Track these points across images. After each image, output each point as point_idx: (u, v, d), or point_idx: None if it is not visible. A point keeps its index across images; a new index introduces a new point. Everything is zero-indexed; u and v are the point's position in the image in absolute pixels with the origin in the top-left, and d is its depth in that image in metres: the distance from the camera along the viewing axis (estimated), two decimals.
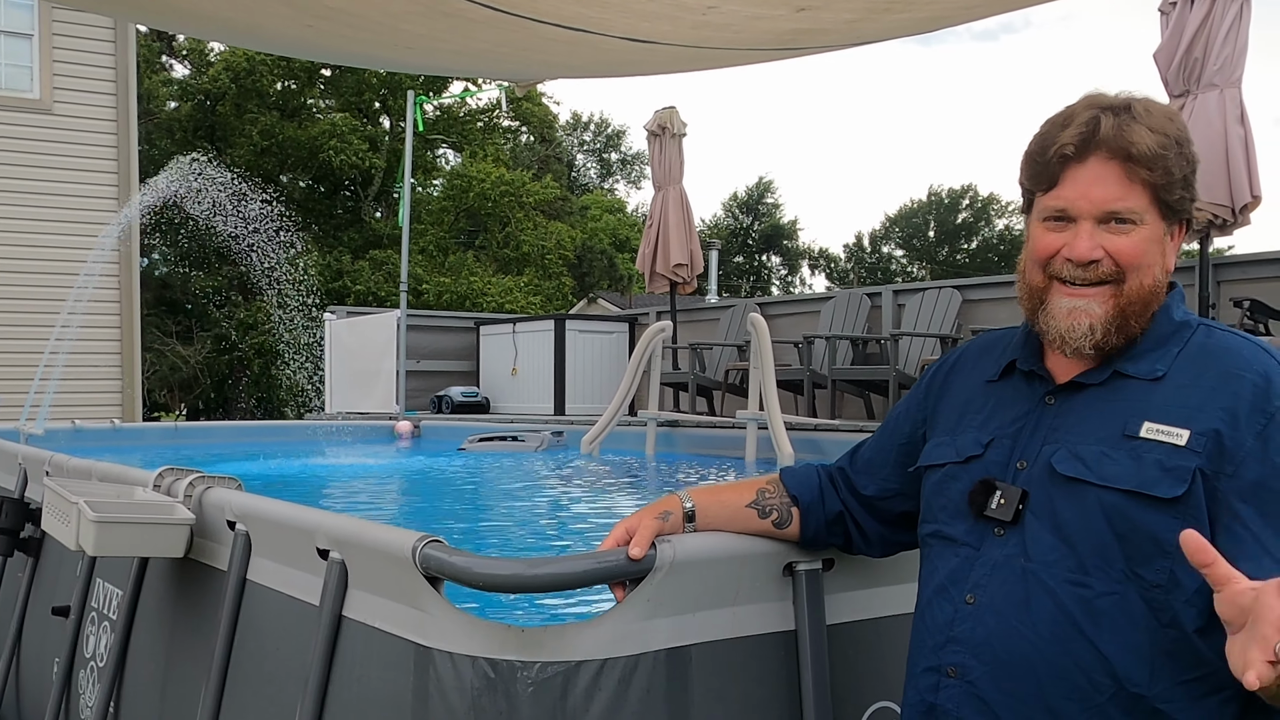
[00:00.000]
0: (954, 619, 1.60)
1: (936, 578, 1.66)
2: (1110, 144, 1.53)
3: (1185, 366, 1.55)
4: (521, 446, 8.01)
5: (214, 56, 28.86)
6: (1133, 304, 1.56)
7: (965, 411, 1.74)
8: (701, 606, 1.82)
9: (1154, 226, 1.56)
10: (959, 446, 1.69)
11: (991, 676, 1.54)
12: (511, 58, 6.25)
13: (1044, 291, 1.60)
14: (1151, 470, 1.48)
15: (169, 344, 25.09)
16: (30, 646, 3.86)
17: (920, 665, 1.65)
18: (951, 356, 1.87)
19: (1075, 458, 1.54)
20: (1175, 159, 1.54)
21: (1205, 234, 6.97)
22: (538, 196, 31.04)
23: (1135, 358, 1.58)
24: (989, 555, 1.59)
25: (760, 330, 6.65)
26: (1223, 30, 6.67)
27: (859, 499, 1.89)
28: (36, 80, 13.05)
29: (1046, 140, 1.59)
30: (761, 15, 4.89)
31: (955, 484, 1.67)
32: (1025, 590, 1.54)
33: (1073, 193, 1.56)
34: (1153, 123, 1.54)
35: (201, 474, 2.80)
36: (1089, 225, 1.55)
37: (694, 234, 10.95)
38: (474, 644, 1.72)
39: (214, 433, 9.88)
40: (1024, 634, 1.52)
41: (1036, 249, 1.61)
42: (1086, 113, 1.56)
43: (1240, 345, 1.56)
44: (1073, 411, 1.60)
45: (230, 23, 6.12)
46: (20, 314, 12.39)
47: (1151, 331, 1.59)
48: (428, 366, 12.48)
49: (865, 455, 1.92)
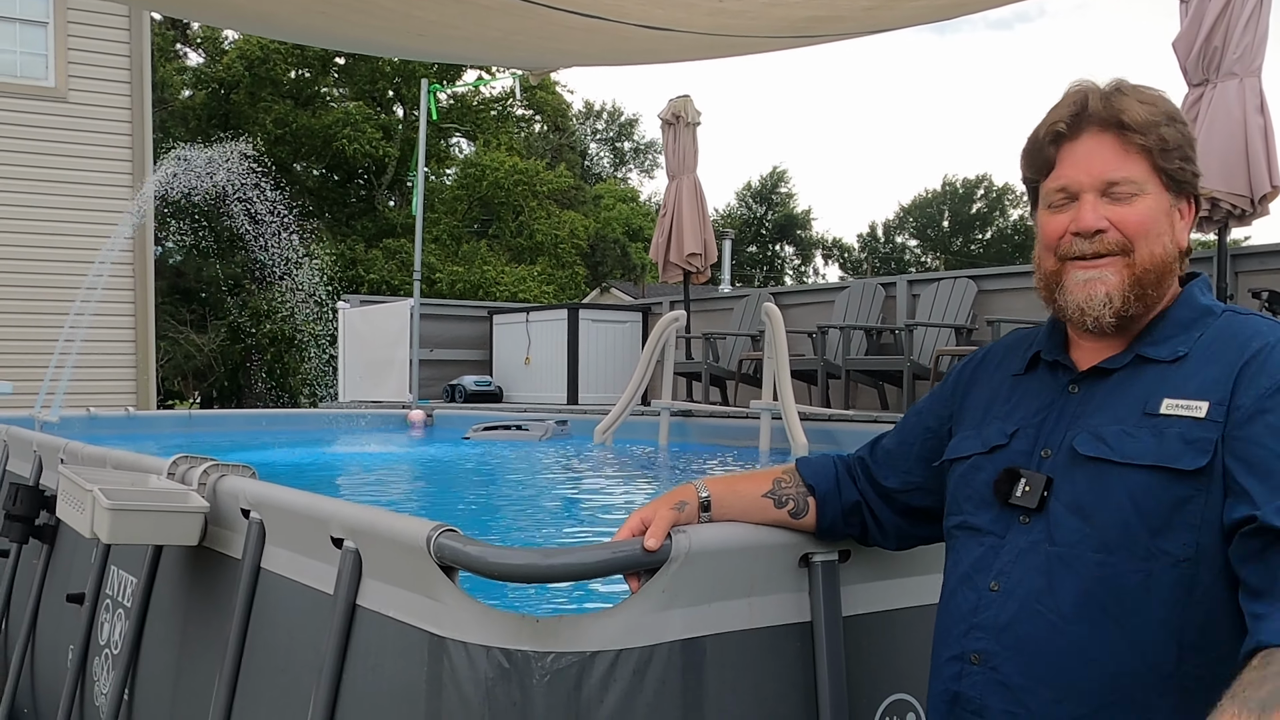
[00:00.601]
0: (978, 606, 1.60)
1: (961, 567, 1.66)
2: (1101, 116, 1.57)
3: (1205, 346, 1.56)
4: (526, 435, 8.04)
5: (228, 45, 28.88)
6: (1148, 272, 1.57)
7: (991, 405, 1.74)
8: (717, 597, 1.81)
9: (1158, 196, 1.58)
10: (985, 438, 1.69)
11: (1015, 660, 1.54)
12: (525, 45, 6.23)
13: (1059, 275, 1.62)
14: (1174, 444, 1.48)
15: (183, 332, 25.16)
16: (45, 633, 3.88)
17: (944, 654, 1.64)
18: (980, 353, 1.87)
19: (1097, 439, 1.54)
20: (1168, 128, 1.57)
21: (1224, 224, 6.92)
22: (551, 185, 31.01)
23: (1158, 341, 1.59)
24: (1014, 542, 1.59)
25: (774, 320, 6.63)
26: (1243, 18, 6.61)
27: (878, 490, 1.88)
28: (52, 68, 13.08)
29: (1037, 129, 1.64)
30: (778, 2, 4.86)
31: (980, 474, 1.67)
32: (1049, 574, 1.53)
33: (1071, 169, 1.59)
34: (1141, 96, 1.59)
35: (216, 462, 2.80)
36: (1091, 197, 1.58)
37: (708, 223, 10.92)
38: (488, 634, 1.71)
39: (228, 421, 9.91)
40: (1047, 617, 1.52)
41: (1046, 233, 1.63)
42: (1074, 95, 1.61)
43: (1260, 322, 1.57)
44: (1096, 397, 1.60)
45: (243, 10, 6.11)
46: (35, 302, 12.43)
47: (1175, 315, 1.60)
48: (441, 355, 12.49)
49: (886, 447, 1.91)
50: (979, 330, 8.75)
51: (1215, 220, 6.86)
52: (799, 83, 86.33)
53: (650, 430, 7.67)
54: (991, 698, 1.56)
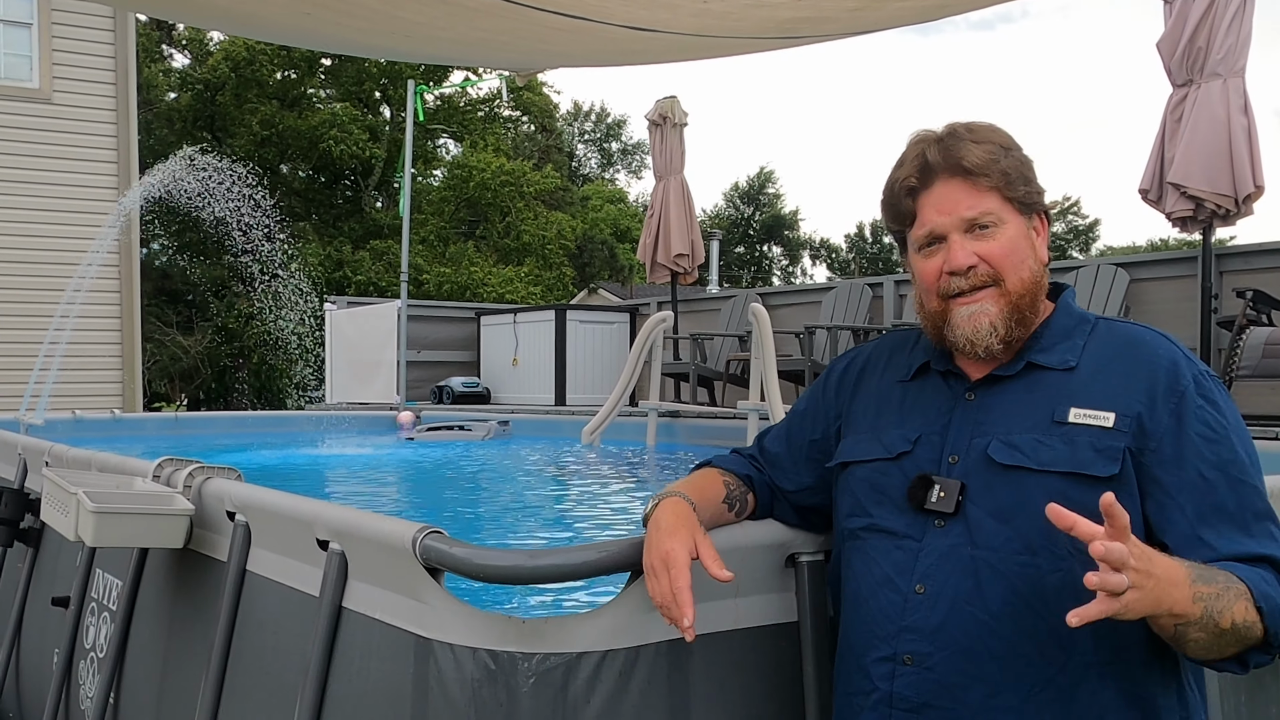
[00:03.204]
0: (904, 608, 1.65)
1: (878, 569, 1.70)
2: (944, 166, 1.69)
3: (1095, 356, 1.68)
4: (469, 435, 8.09)
5: (214, 46, 28.80)
6: (1022, 297, 1.68)
7: (881, 409, 1.82)
8: (703, 598, 1.80)
9: (1015, 224, 1.69)
10: (887, 443, 1.76)
11: (951, 660, 1.61)
12: (511, 46, 6.22)
13: (943, 314, 1.72)
14: (1085, 452, 1.59)
15: (169, 334, 25.07)
16: (30, 637, 3.86)
17: (871, 655, 1.69)
18: (859, 356, 1.94)
19: (1010, 447, 1.63)
20: (1006, 160, 1.68)
21: (1208, 224, 6.96)
22: (538, 186, 31.00)
23: (1044, 349, 1.70)
24: (933, 546, 1.65)
25: (762, 320, 6.63)
26: (1226, 20, 6.65)
27: (772, 488, 1.94)
28: (36, 70, 13.02)
29: (890, 184, 1.75)
30: (762, 3, 4.86)
31: (886, 479, 1.74)
32: (976, 576, 1.61)
33: (932, 214, 1.70)
34: (975, 137, 1.69)
35: (201, 464, 2.79)
36: (958, 236, 1.68)
37: (695, 224, 10.93)
38: (474, 635, 1.71)
39: (214, 423, 9.87)
40: (979, 617, 1.60)
41: (924, 277, 1.73)
42: (915, 150, 1.72)
43: (1145, 334, 1.70)
44: (995, 405, 1.70)
45: (229, 11, 6.09)
46: (20, 304, 12.38)
47: (1054, 324, 1.73)
48: (428, 357, 12.46)
49: (774, 450, 1.96)
50: None
51: (1200, 220, 6.89)
52: (785, 83, 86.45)
53: (638, 431, 7.68)
54: (930, 695, 1.62)
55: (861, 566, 1.74)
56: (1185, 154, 6.73)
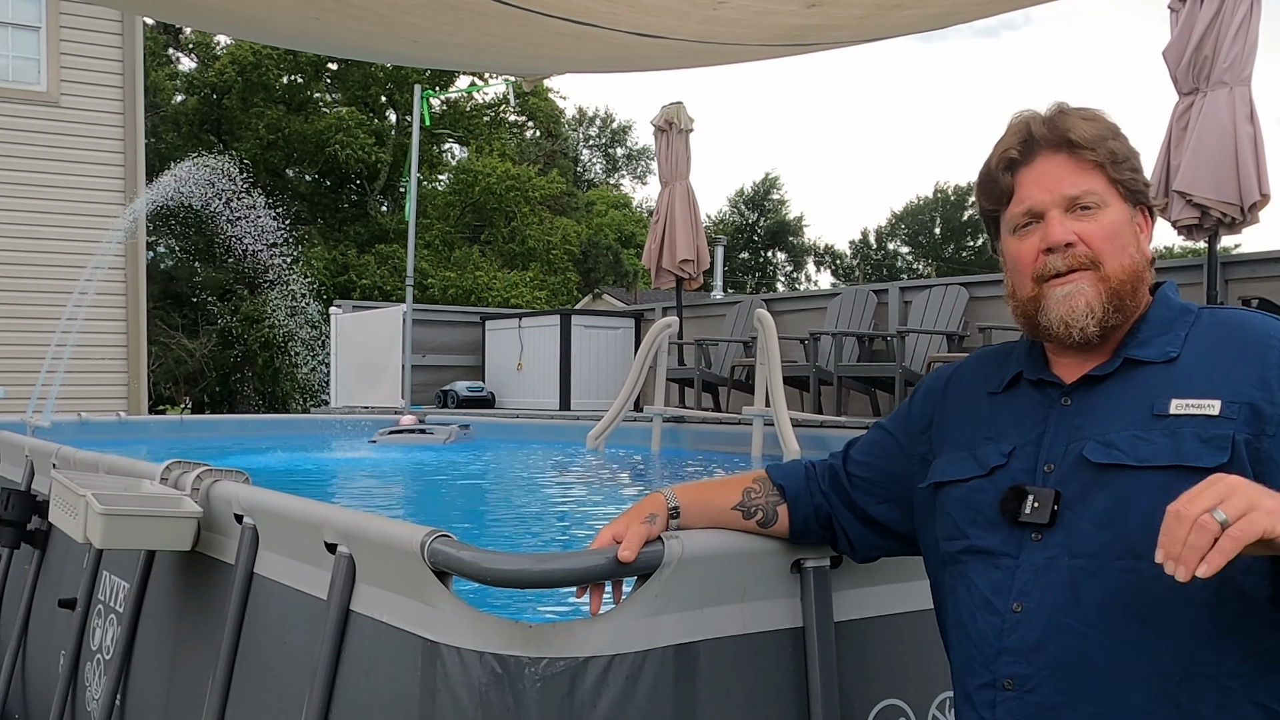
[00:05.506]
0: (1002, 630, 1.56)
1: (977, 592, 1.61)
2: (1049, 139, 1.61)
3: (1197, 345, 1.57)
4: (430, 439, 8.15)
5: (220, 50, 28.85)
6: (1122, 283, 1.58)
7: (974, 424, 1.72)
8: (709, 603, 1.82)
9: (1118, 208, 1.60)
10: (980, 459, 1.66)
11: (1051, 680, 1.50)
12: (518, 52, 6.24)
13: (1036, 300, 1.62)
14: (1189, 443, 1.47)
15: (174, 337, 25.10)
16: (36, 639, 3.86)
17: (973, 684, 1.60)
18: (945, 372, 1.86)
19: (1107, 445, 1.53)
20: (1114, 141, 1.61)
21: (1214, 232, 6.95)
22: (543, 191, 31.01)
23: (1143, 343, 1.60)
24: (1030, 560, 1.55)
25: (767, 326, 6.64)
26: (1232, 28, 6.65)
27: (844, 498, 1.86)
28: (44, 73, 13.06)
29: (990, 158, 1.68)
30: (771, 11, 4.87)
31: (982, 496, 1.63)
32: (1073, 586, 1.50)
33: (1032, 190, 1.62)
34: (1084, 114, 1.62)
35: (209, 467, 2.80)
36: (1057, 213, 1.59)
37: (700, 230, 10.93)
38: (481, 639, 1.71)
39: (220, 426, 9.89)
40: (1078, 630, 1.49)
41: (1019, 260, 1.65)
42: (1018, 123, 1.65)
43: (1251, 317, 1.58)
44: (1092, 407, 1.59)
45: (236, 15, 6.11)
46: (27, 307, 12.40)
47: (1153, 317, 1.62)
48: (433, 361, 12.48)
49: (859, 461, 1.87)
50: (971, 337, 8.77)
51: (1205, 228, 6.88)
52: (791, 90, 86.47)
53: (642, 436, 7.67)
54: None
55: (962, 590, 1.65)
56: (1191, 162, 6.73)
